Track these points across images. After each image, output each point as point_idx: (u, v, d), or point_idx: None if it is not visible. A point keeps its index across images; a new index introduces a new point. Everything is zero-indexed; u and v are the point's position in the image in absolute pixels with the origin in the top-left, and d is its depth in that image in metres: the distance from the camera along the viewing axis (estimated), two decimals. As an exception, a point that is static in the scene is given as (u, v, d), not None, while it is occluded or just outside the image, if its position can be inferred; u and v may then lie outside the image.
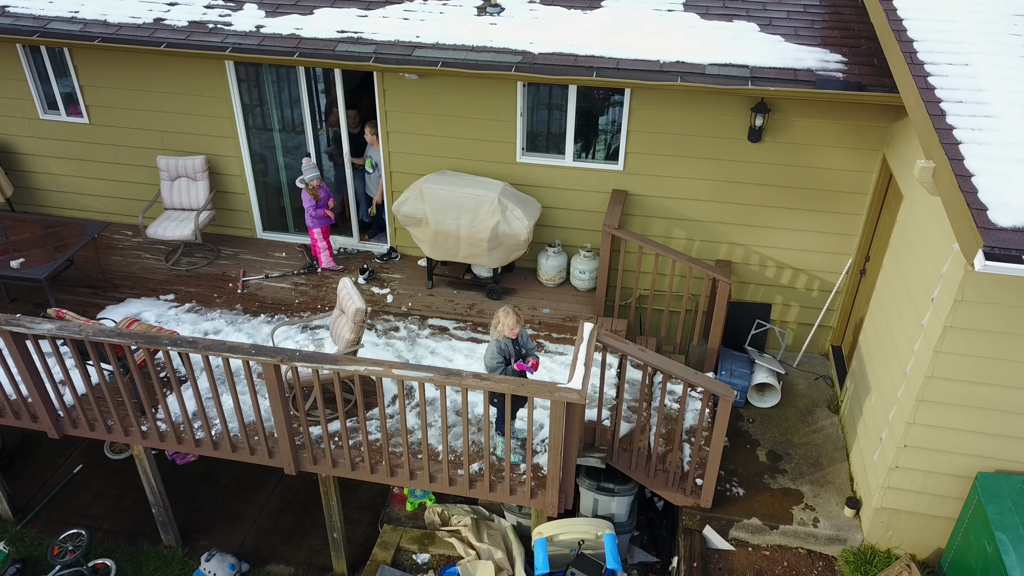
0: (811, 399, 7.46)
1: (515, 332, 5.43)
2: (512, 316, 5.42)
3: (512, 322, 5.41)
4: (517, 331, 5.44)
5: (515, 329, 5.42)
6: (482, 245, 7.24)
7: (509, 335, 5.45)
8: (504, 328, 5.44)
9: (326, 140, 8.14)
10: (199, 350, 5.36)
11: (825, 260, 7.43)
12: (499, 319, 5.45)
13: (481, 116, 7.32)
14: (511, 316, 5.41)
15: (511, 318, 5.41)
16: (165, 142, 8.13)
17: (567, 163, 7.45)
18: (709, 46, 6.40)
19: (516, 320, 5.42)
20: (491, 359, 5.52)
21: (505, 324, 5.43)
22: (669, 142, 7.12)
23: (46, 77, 8.01)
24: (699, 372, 5.68)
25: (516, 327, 5.43)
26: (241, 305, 7.53)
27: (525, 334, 5.59)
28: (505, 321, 5.42)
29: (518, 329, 5.45)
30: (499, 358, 5.50)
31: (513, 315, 5.43)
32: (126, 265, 8.10)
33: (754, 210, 7.31)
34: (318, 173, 7.60)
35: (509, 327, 5.42)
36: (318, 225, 7.77)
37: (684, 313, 7.14)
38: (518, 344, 5.52)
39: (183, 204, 8.09)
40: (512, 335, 5.45)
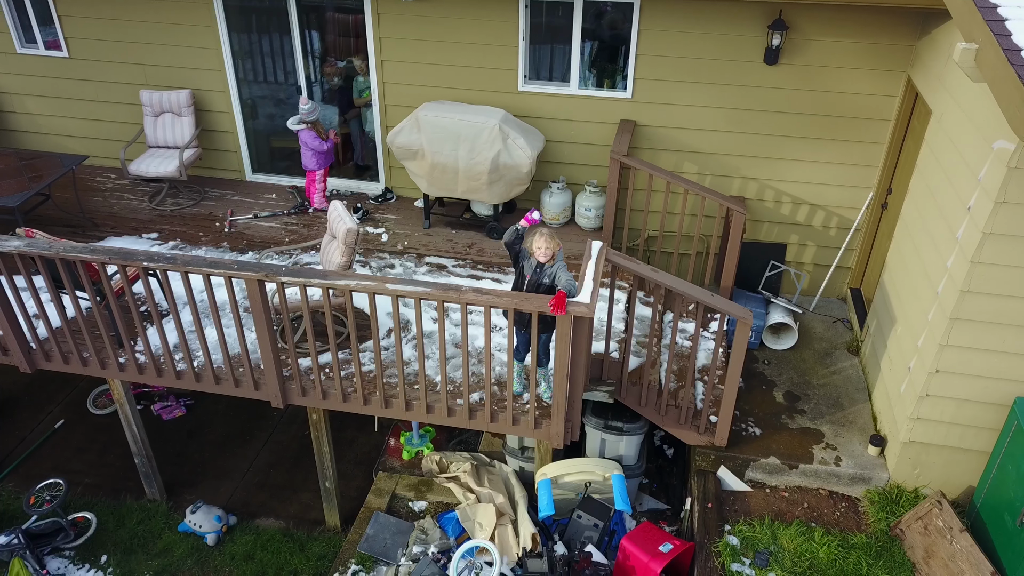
0: (829, 342, 7.07)
1: (545, 255, 4.91)
2: (543, 238, 4.87)
3: (542, 244, 4.87)
4: (547, 256, 4.91)
5: (544, 251, 4.88)
6: (482, 178, 6.85)
7: (536, 256, 4.95)
8: (532, 246, 4.93)
9: (321, 92, 7.74)
10: (177, 266, 4.97)
11: (844, 194, 7.04)
12: (531, 236, 4.94)
13: (481, 41, 6.92)
14: (542, 237, 4.88)
15: (541, 239, 4.87)
16: (149, 77, 7.74)
17: (572, 91, 7.05)
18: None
19: (547, 243, 4.87)
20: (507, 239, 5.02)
21: (533, 243, 4.91)
22: (680, 67, 6.72)
23: (23, 7, 7.61)
24: (714, 294, 5.29)
25: (546, 251, 4.88)
26: (228, 243, 7.14)
27: (559, 268, 4.91)
28: (535, 240, 4.89)
29: (548, 254, 4.90)
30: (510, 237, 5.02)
31: (545, 237, 4.87)
32: (107, 206, 7.70)
33: (769, 141, 6.92)
34: (315, 115, 7.19)
35: (537, 248, 4.90)
36: (323, 164, 7.40)
37: (695, 255, 6.75)
38: (542, 270, 4.98)
39: (167, 141, 7.69)
40: (541, 258, 4.93)
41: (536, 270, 5.03)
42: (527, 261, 5.08)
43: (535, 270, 5.03)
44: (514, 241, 5.08)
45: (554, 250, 4.97)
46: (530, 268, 5.06)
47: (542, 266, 5.00)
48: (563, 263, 5.00)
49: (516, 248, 5.10)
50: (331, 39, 7.45)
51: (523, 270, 5.10)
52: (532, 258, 5.03)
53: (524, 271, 5.10)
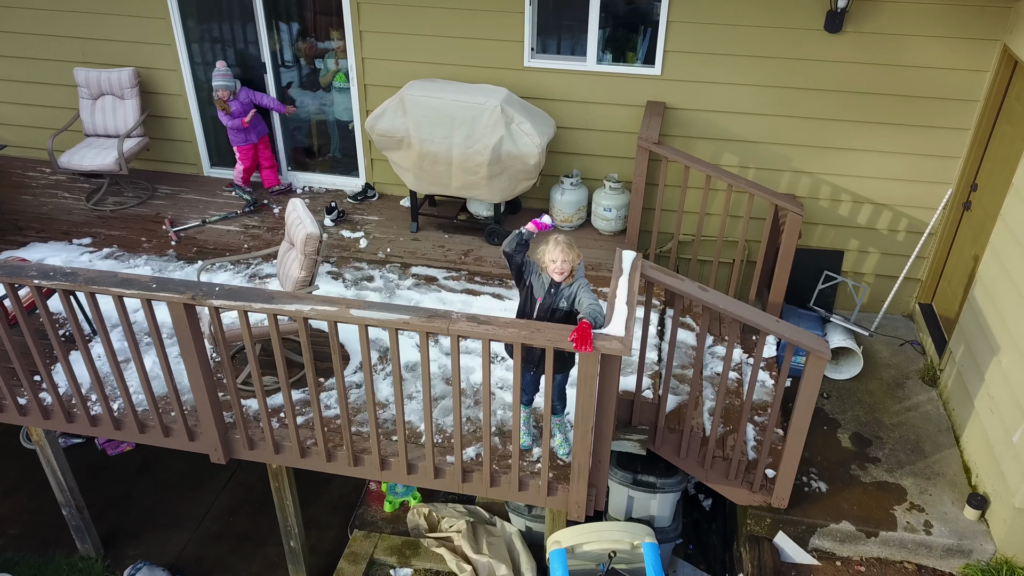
0: (898, 369, 5.87)
1: (561, 272, 3.71)
2: (559, 248, 3.65)
3: (558, 256, 3.66)
4: (564, 272, 3.71)
5: (560, 266, 3.68)
6: (480, 171, 5.65)
7: (550, 272, 3.74)
8: (545, 259, 3.72)
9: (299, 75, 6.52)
10: (78, 285, 3.77)
11: (917, 191, 5.84)
12: (544, 246, 3.74)
13: (479, 7, 5.72)
14: (557, 247, 3.66)
15: (557, 250, 3.66)
16: (87, 52, 6.53)
17: (589, 67, 5.85)
18: None
19: (563, 255, 3.65)
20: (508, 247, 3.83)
21: (546, 255, 3.70)
22: (720, 36, 5.52)
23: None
24: (780, 320, 4.09)
25: (562, 265, 3.68)
26: (175, 251, 5.94)
27: (580, 288, 3.73)
28: (548, 251, 3.69)
29: (566, 269, 3.69)
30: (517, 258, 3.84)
31: (561, 247, 3.65)
32: (37, 205, 6.50)
33: (827, 127, 5.72)
34: (229, 83, 6.07)
35: (552, 261, 3.68)
36: (237, 142, 6.34)
37: (739, 262, 5.56)
38: (558, 291, 3.78)
39: (108, 129, 6.49)
40: (556, 275, 3.72)
41: (549, 291, 3.81)
42: (536, 278, 3.86)
43: (548, 291, 3.81)
44: (517, 250, 3.86)
45: (573, 264, 3.75)
46: (541, 288, 3.84)
47: (557, 286, 3.78)
48: (584, 281, 3.80)
49: (519, 260, 3.89)
50: (309, 16, 6.24)
51: (531, 290, 3.89)
52: (543, 274, 3.82)
53: (533, 291, 3.88)
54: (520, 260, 3.88)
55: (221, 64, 6.16)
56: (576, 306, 3.72)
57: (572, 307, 3.75)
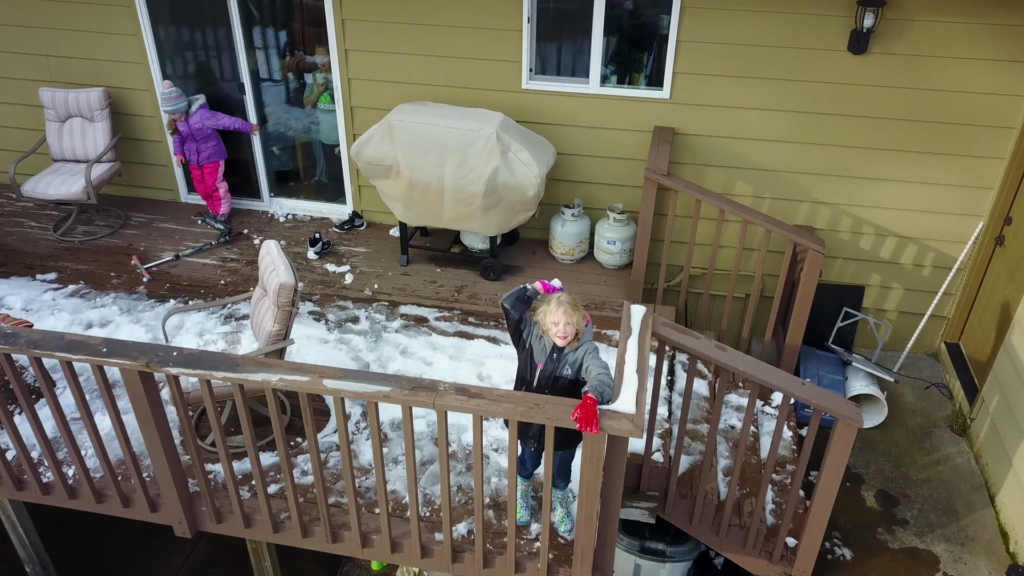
0: (925, 416, 5.45)
1: (563, 337, 3.29)
2: (562, 310, 3.24)
3: (561, 318, 3.24)
4: (566, 336, 3.28)
5: (563, 330, 3.26)
6: (475, 203, 5.23)
7: (552, 336, 3.32)
8: (546, 321, 3.31)
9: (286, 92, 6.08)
10: (20, 348, 3.34)
11: (945, 224, 5.42)
12: (546, 306, 3.33)
13: (473, 24, 5.30)
14: (560, 309, 3.25)
15: (560, 311, 3.24)
16: (54, 71, 6.11)
17: (592, 89, 5.43)
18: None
19: (567, 318, 3.24)
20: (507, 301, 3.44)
21: (547, 316, 3.29)
22: (734, 57, 5.10)
23: None
24: (809, 383, 3.67)
25: (565, 328, 3.26)
26: (146, 288, 5.50)
27: (587, 353, 3.30)
28: (549, 312, 3.28)
29: (570, 333, 3.28)
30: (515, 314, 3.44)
31: (565, 309, 3.24)
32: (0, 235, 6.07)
33: (849, 154, 5.30)
34: (179, 106, 5.63)
35: (553, 323, 3.27)
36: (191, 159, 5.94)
37: (754, 299, 5.13)
38: (561, 357, 3.36)
39: (76, 153, 6.06)
40: (560, 339, 3.30)
41: (552, 356, 3.38)
42: (536, 341, 3.44)
43: (550, 356, 3.39)
44: (516, 306, 3.44)
45: (578, 327, 3.32)
46: (542, 352, 3.41)
47: (560, 351, 3.36)
48: (592, 345, 3.37)
49: (517, 316, 3.46)
50: (297, 27, 5.81)
51: (531, 354, 3.46)
52: (545, 337, 3.40)
53: (533, 355, 3.45)
54: (519, 316, 3.46)
55: (166, 84, 5.67)
56: (582, 374, 3.30)
57: (577, 375, 3.33)
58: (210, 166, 5.97)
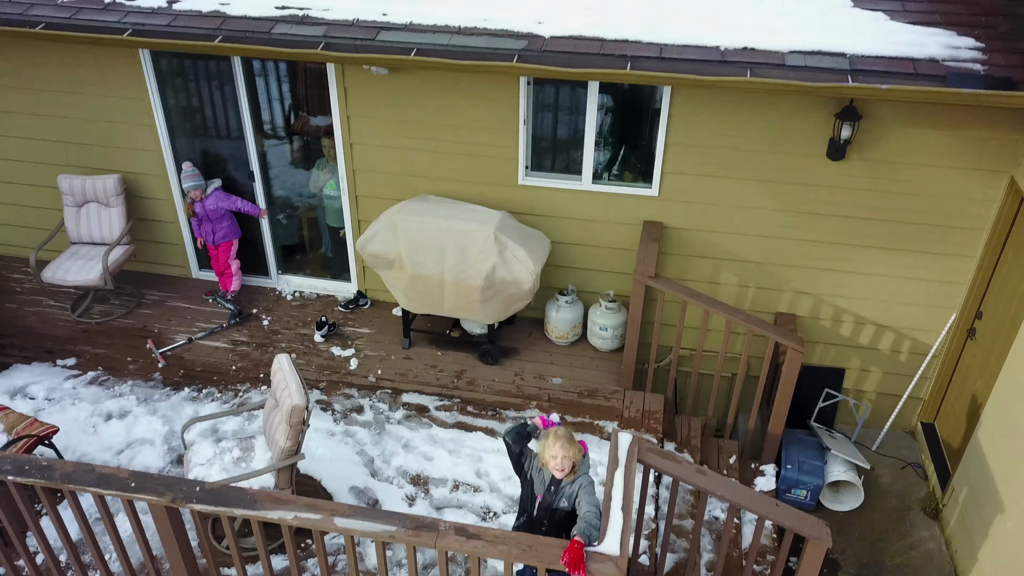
0: (900, 498, 5.75)
1: (560, 470, 3.59)
2: (559, 443, 3.55)
3: (558, 452, 3.54)
4: (563, 469, 3.58)
5: (560, 463, 3.56)
6: (473, 295, 5.51)
7: (550, 468, 3.63)
8: (545, 454, 3.62)
9: (289, 152, 6.34)
10: (53, 481, 3.63)
11: (921, 315, 5.71)
12: (544, 440, 3.64)
13: (473, 124, 5.58)
14: (558, 443, 3.55)
15: (557, 445, 3.55)
16: (72, 156, 6.38)
17: (585, 186, 5.71)
18: (786, 24, 4.65)
19: (564, 451, 3.54)
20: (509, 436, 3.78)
21: (546, 450, 3.60)
22: (719, 159, 5.39)
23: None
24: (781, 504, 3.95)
25: (562, 461, 3.56)
26: (161, 375, 5.79)
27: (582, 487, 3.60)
28: (547, 446, 3.59)
29: (567, 466, 3.58)
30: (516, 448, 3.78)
31: (562, 442, 3.55)
32: (20, 316, 6.34)
33: (830, 249, 5.58)
34: (199, 182, 5.99)
35: (552, 457, 3.58)
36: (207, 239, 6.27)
37: (740, 380, 5.42)
38: (558, 489, 3.66)
39: (93, 236, 6.34)
40: (557, 471, 3.60)
41: (550, 488, 3.70)
42: (537, 472, 3.75)
43: (548, 488, 3.70)
44: (517, 441, 3.78)
45: (575, 460, 3.63)
46: (541, 483, 3.73)
47: (558, 483, 3.67)
48: (588, 479, 3.66)
49: (518, 450, 3.79)
50: (301, 92, 6.04)
51: (532, 485, 3.78)
52: (544, 469, 3.71)
53: (534, 486, 3.77)
54: (519, 450, 3.79)
55: (188, 165, 6.03)
56: (577, 507, 3.60)
57: (574, 507, 3.63)
58: (224, 245, 6.26)
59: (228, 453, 4.56)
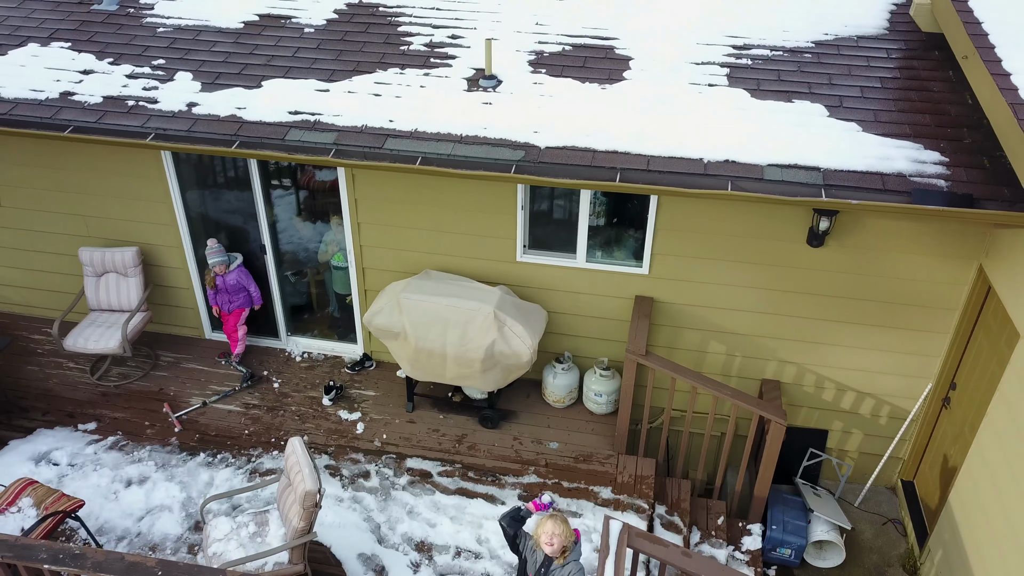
0: (880, 554, 6.04)
1: (550, 545, 3.94)
2: (551, 524, 3.93)
3: (551, 530, 3.93)
4: (553, 546, 3.94)
5: (551, 543, 3.94)
6: (474, 366, 5.82)
7: (543, 549, 3.99)
8: (538, 532, 4.01)
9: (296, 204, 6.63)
10: (86, 570, 3.94)
11: (898, 383, 6.02)
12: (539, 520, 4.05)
13: (474, 207, 5.91)
14: (550, 521, 3.94)
15: (549, 525, 3.94)
16: (91, 228, 6.71)
17: (579, 264, 6.03)
18: (765, 136, 4.97)
19: (555, 531, 3.92)
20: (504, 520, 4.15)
21: (539, 528, 3.99)
22: (706, 242, 5.71)
23: (-56, 151, 6.59)
24: (761, 584, 4.27)
25: (552, 539, 3.93)
26: (177, 439, 6.10)
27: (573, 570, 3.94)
28: (541, 524, 3.99)
29: (558, 548, 3.94)
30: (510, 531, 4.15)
31: (554, 523, 3.92)
32: (43, 378, 6.66)
33: (811, 324, 5.90)
34: (224, 257, 6.38)
35: (543, 533, 3.96)
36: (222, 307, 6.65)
37: (728, 445, 5.72)
38: (548, 572, 4.00)
39: (111, 305, 6.66)
40: (548, 551, 3.96)
41: (540, 570, 4.01)
42: (531, 553, 4.08)
43: (539, 570, 4.01)
44: (511, 525, 4.11)
45: (565, 542, 3.95)
46: (533, 564, 4.05)
47: (548, 565, 3.98)
48: (578, 565, 3.97)
49: (513, 533, 4.12)
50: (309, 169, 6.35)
51: (525, 565, 4.09)
52: (537, 552, 4.03)
53: (527, 566, 4.09)
54: (514, 533, 4.11)
55: (212, 242, 6.37)
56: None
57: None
58: (237, 312, 6.59)
59: (244, 528, 4.87)
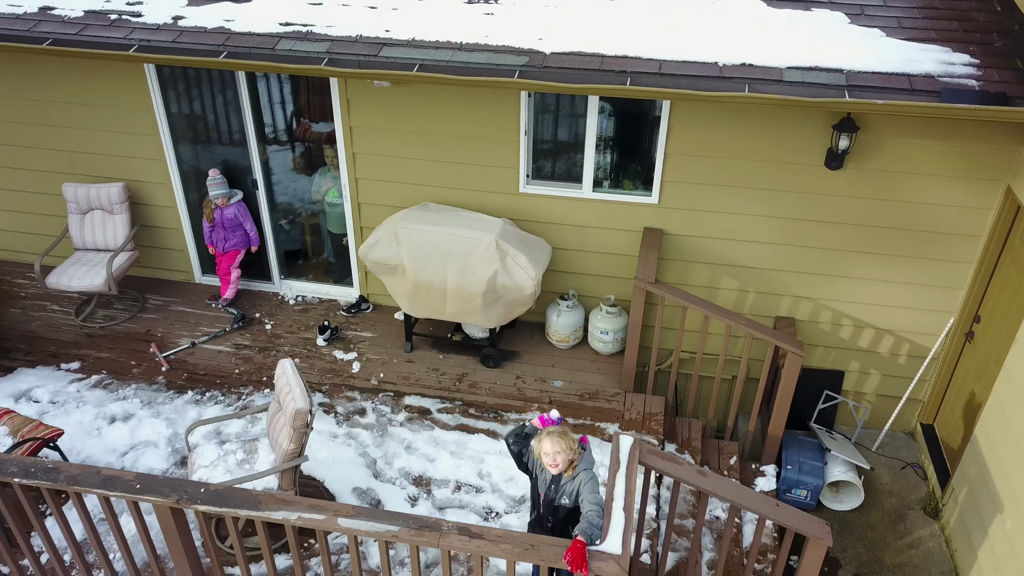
0: (900, 497, 5.78)
1: (555, 466, 3.63)
2: (550, 441, 3.60)
3: (550, 449, 3.60)
4: (557, 465, 3.63)
5: (553, 460, 3.62)
6: (475, 301, 5.56)
7: (546, 467, 3.69)
8: (539, 453, 3.69)
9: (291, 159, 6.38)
10: (59, 483, 3.67)
11: (919, 319, 5.76)
12: (537, 439, 3.71)
13: (474, 134, 5.64)
14: (549, 439, 3.61)
15: (548, 442, 3.61)
16: (76, 165, 6.44)
17: (585, 194, 5.77)
18: (783, 42, 4.71)
19: (554, 448, 3.59)
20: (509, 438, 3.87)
21: (539, 448, 3.66)
22: (718, 168, 5.45)
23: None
24: (781, 504, 3.99)
25: (554, 458, 3.61)
26: (164, 378, 5.84)
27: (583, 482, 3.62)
28: (540, 444, 3.66)
29: (562, 463, 3.62)
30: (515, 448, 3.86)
31: (553, 440, 3.60)
32: (25, 320, 6.40)
33: (828, 256, 5.64)
34: (226, 191, 6.13)
35: (544, 454, 3.64)
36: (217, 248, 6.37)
37: (740, 383, 5.46)
38: (559, 486, 3.71)
39: (97, 243, 6.39)
40: (552, 469, 3.65)
41: (551, 486, 3.74)
42: (540, 471, 3.80)
43: (549, 486, 3.75)
44: (516, 442, 3.84)
45: (570, 456, 3.67)
46: (544, 481, 3.78)
47: (558, 480, 3.71)
48: (589, 474, 3.69)
49: (517, 450, 3.85)
50: (303, 99, 6.10)
51: (537, 483, 3.83)
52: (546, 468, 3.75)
53: (538, 484, 3.82)
54: (519, 451, 3.84)
55: (214, 172, 6.12)
56: (578, 502, 3.64)
57: (576, 503, 3.67)
58: (232, 252, 6.32)
59: (232, 455, 4.60)
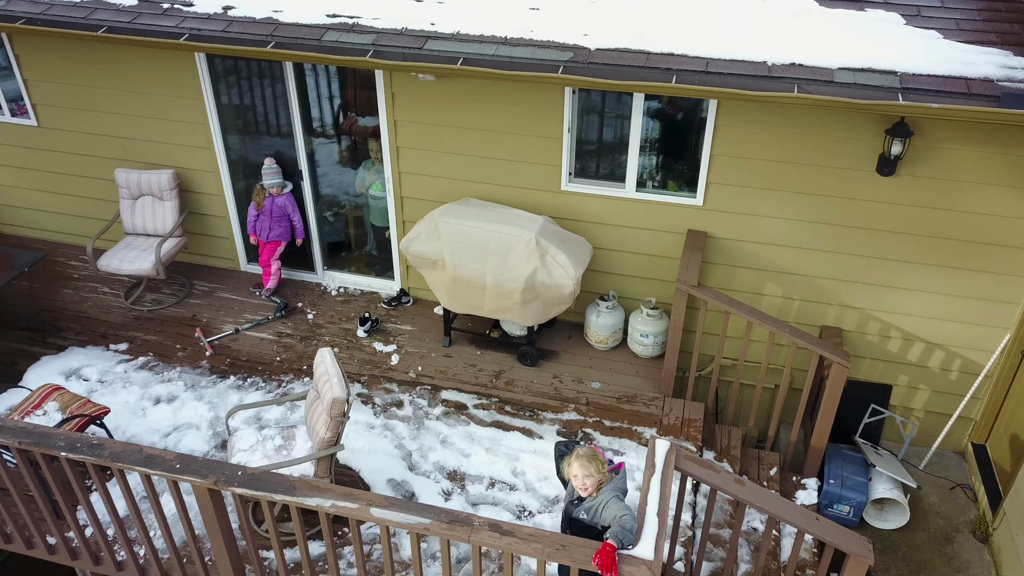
0: (947, 519, 5.58)
1: (584, 488, 3.62)
2: (578, 464, 3.59)
3: (578, 471, 3.59)
4: (586, 488, 3.61)
5: (580, 483, 3.61)
6: (513, 297, 5.54)
7: (576, 489, 3.67)
8: (568, 474, 3.70)
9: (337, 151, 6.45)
10: (104, 460, 3.76)
11: (972, 333, 5.55)
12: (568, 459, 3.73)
13: (517, 131, 5.62)
14: (576, 463, 3.61)
15: (577, 465, 3.60)
16: (128, 151, 6.60)
17: (628, 194, 5.70)
18: (835, 42, 4.59)
19: (583, 471, 3.58)
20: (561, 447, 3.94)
21: (570, 469, 3.66)
22: (765, 171, 5.33)
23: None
24: (822, 519, 3.88)
25: (584, 481, 3.59)
26: (208, 363, 5.94)
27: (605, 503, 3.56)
28: (569, 466, 3.67)
29: (588, 487, 3.60)
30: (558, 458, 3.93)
31: (581, 463, 3.59)
32: (77, 301, 6.58)
33: (877, 265, 5.47)
34: (280, 180, 6.24)
35: (573, 476, 3.64)
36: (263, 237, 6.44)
37: (783, 393, 5.34)
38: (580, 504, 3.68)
39: (147, 229, 6.54)
40: (581, 491, 3.64)
41: (573, 500, 3.73)
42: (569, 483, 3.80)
43: (571, 501, 3.73)
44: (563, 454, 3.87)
45: (599, 479, 3.63)
46: (569, 492, 3.79)
47: (581, 499, 3.68)
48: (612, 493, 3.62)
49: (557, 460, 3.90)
50: (350, 93, 6.15)
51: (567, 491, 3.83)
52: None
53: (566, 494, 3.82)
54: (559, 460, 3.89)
55: (270, 161, 6.22)
56: (596, 519, 3.59)
57: (592, 520, 3.62)
58: (274, 243, 6.41)
59: (270, 441, 4.66)
